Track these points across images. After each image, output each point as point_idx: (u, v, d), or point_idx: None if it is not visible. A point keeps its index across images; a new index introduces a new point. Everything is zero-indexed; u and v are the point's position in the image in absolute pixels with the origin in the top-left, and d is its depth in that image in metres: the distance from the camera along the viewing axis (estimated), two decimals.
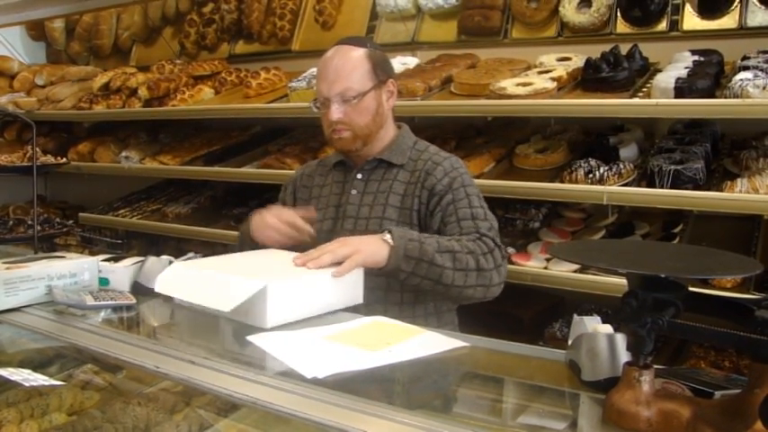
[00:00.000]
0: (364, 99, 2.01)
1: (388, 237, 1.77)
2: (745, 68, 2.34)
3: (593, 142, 2.81)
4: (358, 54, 2.03)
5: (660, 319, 0.98)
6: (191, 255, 1.96)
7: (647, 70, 2.71)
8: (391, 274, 1.79)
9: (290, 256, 1.73)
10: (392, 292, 1.97)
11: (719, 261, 1.14)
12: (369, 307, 1.72)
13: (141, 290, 1.77)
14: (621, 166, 2.48)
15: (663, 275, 1.02)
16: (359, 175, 2.11)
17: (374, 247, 1.73)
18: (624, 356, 1.13)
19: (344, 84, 1.99)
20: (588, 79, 2.63)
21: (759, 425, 0.90)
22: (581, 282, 2.43)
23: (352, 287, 1.67)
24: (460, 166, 2.07)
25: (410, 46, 3.40)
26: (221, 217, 3.64)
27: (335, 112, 2.00)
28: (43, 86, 4.50)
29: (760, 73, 2.26)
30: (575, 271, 2.45)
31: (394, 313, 1.84)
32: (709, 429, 0.95)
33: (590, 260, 1.28)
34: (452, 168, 2.04)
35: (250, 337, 1.42)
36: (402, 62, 3.18)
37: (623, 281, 1.07)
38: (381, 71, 2.05)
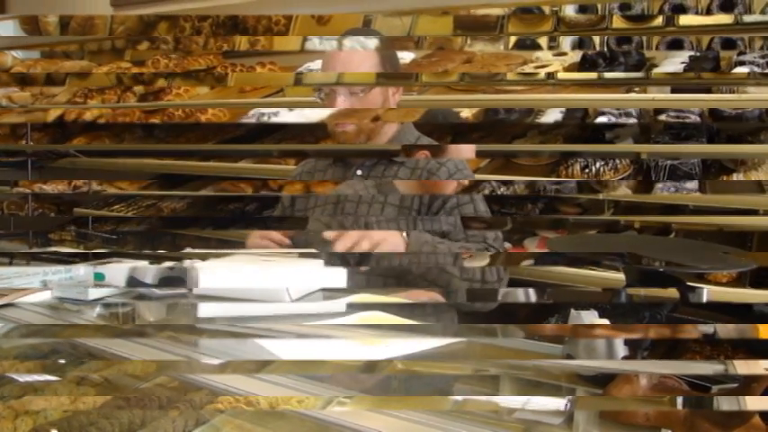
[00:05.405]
0: (372, 93, 1.96)
1: (404, 235, 1.78)
2: (742, 63, 2.34)
3: (589, 137, 2.80)
4: (368, 45, 1.99)
5: (658, 313, 0.98)
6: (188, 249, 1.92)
7: (644, 65, 2.71)
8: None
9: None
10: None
11: (718, 255, 1.14)
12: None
13: (137, 285, 1.76)
14: (617, 160, 2.48)
15: (661, 269, 1.01)
16: (359, 172, 2.06)
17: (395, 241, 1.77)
18: (622, 351, 1.12)
19: (353, 76, 1.95)
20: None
21: (756, 419, 0.89)
22: (576, 276, 2.43)
23: None
24: (465, 168, 2.02)
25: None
26: (217, 212, 3.61)
27: (341, 104, 1.94)
28: None
29: (756, 68, 2.26)
30: (570, 265, 2.44)
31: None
32: (706, 424, 0.95)
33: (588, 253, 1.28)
34: (456, 170, 1.99)
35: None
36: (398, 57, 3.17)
37: (619, 275, 1.07)
38: (390, 65, 2.01)
